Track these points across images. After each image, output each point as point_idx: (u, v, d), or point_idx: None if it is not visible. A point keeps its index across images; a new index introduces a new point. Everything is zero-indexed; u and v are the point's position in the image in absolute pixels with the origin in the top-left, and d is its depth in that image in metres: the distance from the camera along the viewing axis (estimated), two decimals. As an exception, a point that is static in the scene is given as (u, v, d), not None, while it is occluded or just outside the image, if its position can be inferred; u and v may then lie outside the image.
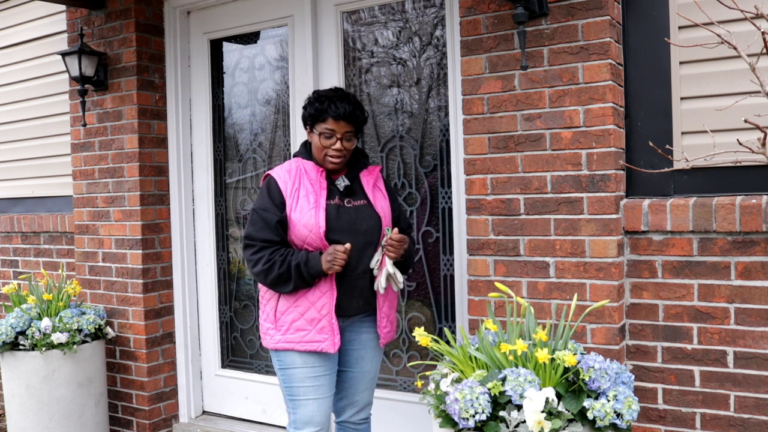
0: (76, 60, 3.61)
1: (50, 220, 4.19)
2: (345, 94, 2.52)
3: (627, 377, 2.09)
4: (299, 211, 2.43)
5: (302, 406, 2.49)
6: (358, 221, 2.48)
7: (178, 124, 3.82)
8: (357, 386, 2.64)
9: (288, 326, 2.45)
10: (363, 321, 2.58)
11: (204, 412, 3.93)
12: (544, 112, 2.53)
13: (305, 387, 2.47)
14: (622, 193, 2.53)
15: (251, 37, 3.72)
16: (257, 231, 2.44)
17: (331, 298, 2.43)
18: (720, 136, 2.31)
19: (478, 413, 1.91)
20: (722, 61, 2.38)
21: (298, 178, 2.48)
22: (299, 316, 2.44)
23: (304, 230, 2.42)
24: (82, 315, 3.57)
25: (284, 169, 2.53)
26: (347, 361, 2.61)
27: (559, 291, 2.53)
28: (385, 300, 2.56)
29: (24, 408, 3.49)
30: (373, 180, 2.59)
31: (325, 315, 2.43)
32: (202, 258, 3.88)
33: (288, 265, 2.38)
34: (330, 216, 2.43)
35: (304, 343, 2.43)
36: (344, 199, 2.51)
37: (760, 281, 2.32)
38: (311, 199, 2.44)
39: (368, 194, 2.54)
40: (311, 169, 2.51)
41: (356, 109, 2.49)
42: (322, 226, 2.40)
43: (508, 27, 2.59)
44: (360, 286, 2.48)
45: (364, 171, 2.60)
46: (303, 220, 2.42)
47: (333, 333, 2.43)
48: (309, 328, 2.43)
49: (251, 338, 3.78)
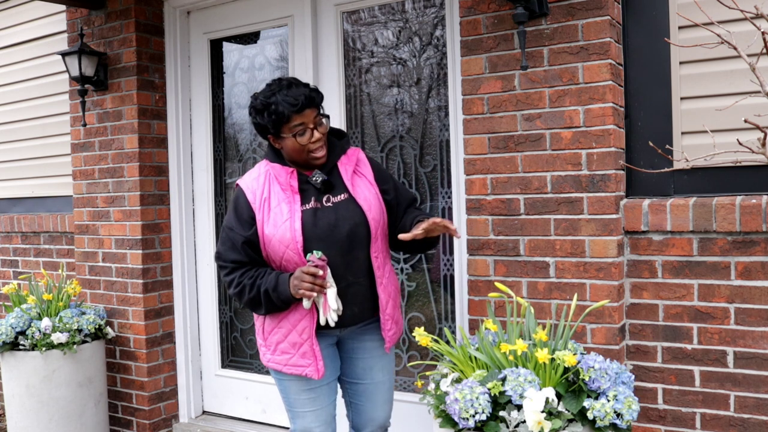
0: (76, 60, 3.61)
1: (50, 220, 4.19)
2: (288, 83, 2.23)
3: (627, 377, 2.09)
4: (272, 224, 2.21)
5: (300, 417, 2.39)
6: (340, 223, 2.23)
7: (178, 124, 3.82)
8: (374, 399, 2.45)
9: (275, 347, 2.31)
10: (365, 327, 2.40)
11: (204, 412, 3.93)
12: (544, 112, 2.53)
13: (301, 399, 2.36)
14: (622, 193, 2.53)
15: (251, 37, 3.71)
16: (226, 251, 2.27)
17: (311, 320, 2.24)
18: (720, 136, 2.31)
19: (478, 413, 1.91)
20: (722, 61, 2.38)
21: (267, 185, 2.26)
22: (283, 338, 2.29)
23: (279, 246, 2.20)
24: (82, 315, 3.57)
25: (252, 176, 2.31)
26: (355, 372, 2.44)
27: (559, 291, 2.53)
28: (388, 300, 2.36)
29: (24, 408, 3.49)
30: (352, 166, 2.33)
31: (306, 339, 2.25)
32: (202, 258, 3.88)
33: (257, 290, 2.20)
34: (306, 225, 2.20)
35: (289, 366, 2.29)
36: (322, 198, 2.26)
37: (760, 281, 2.32)
38: (284, 209, 2.21)
39: (348, 185, 2.29)
40: (280, 171, 2.26)
41: (309, 91, 2.23)
42: (299, 241, 2.18)
43: (508, 27, 2.59)
44: (352, 293, 2.28)
45: (342, 158, 2.33)
46: (278, 235, 2.20)
47: (315, 359, 2.26)
48: (292, 351, 2.28)
49: (251, 338, 3.78)
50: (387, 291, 2.37)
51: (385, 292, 2.36)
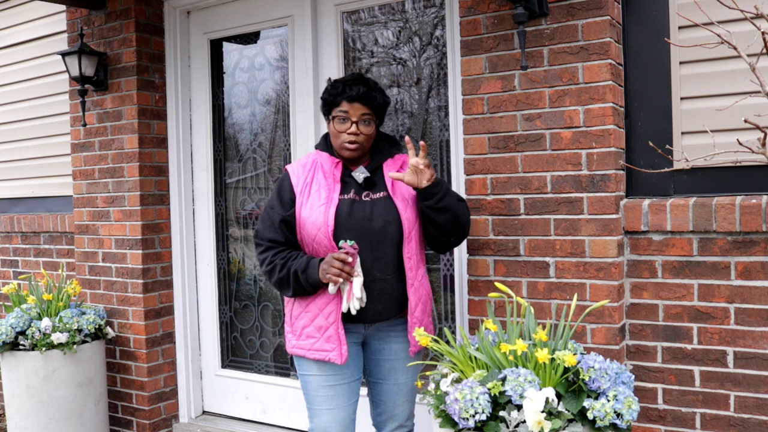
0: (76, 60, 3.61)
1: (50, 220, 4.19)
2: (362, 78, 2.38)
3: (627, 377, 2.09)
4: (309, 207, 2.30)
5: (317, 416, 2.40)
6: (374, 217, 2.30)
7: (178, 124, 3.82)
8: (395, 399, 2.49)
9: (300, 332, 2.36)
10: (392, 328, 2.42)
11: (204, 412, 3.93)
12: (544, 112, 2.53)
13: (319, 396, 2.38)
14: (622, 193, 2.53)
15: (251, 37, 3.71)
16: (264, 229, 2.37)
17: (338, 305, 2.28)
18: (720, 136, 2.31)
19: (478, 413, 1.91)
20: (722, 61, 2.38)
21: (312, 172, 2.36)
22: (309, 322, 2.34)
23: (312, 228, 2.28)
24: (82, 315, 3.57)
25: (300, 162, 2.43)
26: (379, 372, 2.48)
27: (559, 291, 2.53)
28: (418, 303, 2.37)
29: (24, 408, 3.49)
30: (397, 169, 2.40)
31: (332, 323, 2.30)
32: (202, 258, 3.88)
33: (288, 271, 2.28)
34: (341, 213, 2.28)
35: (313, 351, 2.33)
36: (361, 193, 2.34)
37: (760, 281, 2.32)
38: (323, 195, 2.30)
39: (388, 185, 2.36)
40: (326, 160, 2.37)
41: (372, 91, 2.33)
42: (330, 225, 2.26)
43: (508, 27, 2.59)
44: (377, 289, 2.31)
45: (389, 160, 2.42)
46: (312, 218, 2.28)
47: (340, 343, 2.30)
48: (318, 335, 2.32)
49: (251, 338, 3.78)
50: (418, 294, 2.39)
51: (416, 295, 2.38)
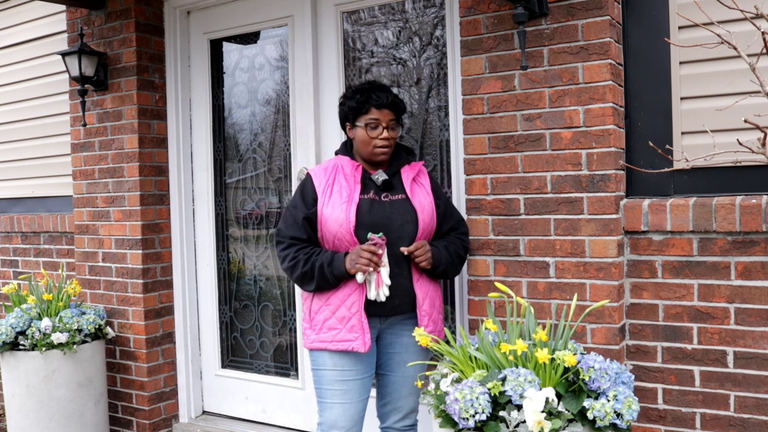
0: (76, 60, 3.61)
1: (50, 220, 4.19)
2: (382, 85, 2.55)
3: (627, 377, 2.09)
4: (331, 206, 2.42)
5: (328, 409, 2.47)
6: (393, 216, 2.44)
7: (178, 124, 3.82)
8: (400, 391, 2.58)
9: (321, 325, 2.44)
10: (405, 322, 2.52)
11: (204, 412, 3.93)
12: (544, 112, 2.53)
13: (332, 390, 2.46)
14: (622, 193, 2.53)
15: (251, 37, 3.71)
16: (287, 228, 2.47)
17: (361, 295, 2.39)
18: (720, 136, 2.31)
19: (478, 413, 1.91)
20: (722, 61, 2.38)
21: (333, 174, 2.48)
22: (330, 314, 2.42)
23: (334, 225, 2.40)
24: (82, 315, 3.57)
25: (322, 166, 2.55)
26: (389, 364, 2.57)
27: (559, 291, 2.53)
28: (425, 298, 2.49)
29: (24, 408, 3.49)
30: (414, 174, 2.55)
31: (355, 313, 2.40)
32: (202, 258, 3.88)
33: (312, 265, 2.38)
34: (362, 211, 2.41)
35: (335, 342, 2.41)
36: (381, 194, 2.47)
37: (760, 281, 2.32)
38: (344, 194, 2.43)
39: (406, 189, 2.50)
40: (347, 164, 2.50)
41: (396, 98, 2.51)
42: (352, 221, 2.38)
43: (508, 27, 2.59)
44: (394, 284, 2.41)
45: (405, 166, 2.57)
46: (334, 215, 2.40)
47: (363, 331, 2.39)
48: (340, 326, 2.40)
49: (251, 338, 3.78)
50: (424, 289, 2.49)
51: (422, 289, 2.49)
